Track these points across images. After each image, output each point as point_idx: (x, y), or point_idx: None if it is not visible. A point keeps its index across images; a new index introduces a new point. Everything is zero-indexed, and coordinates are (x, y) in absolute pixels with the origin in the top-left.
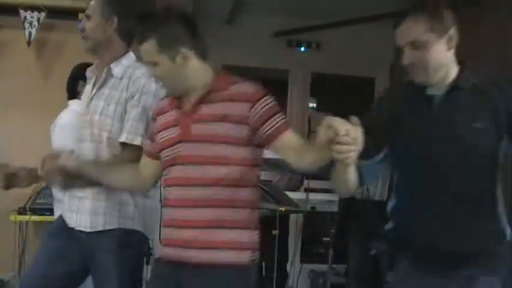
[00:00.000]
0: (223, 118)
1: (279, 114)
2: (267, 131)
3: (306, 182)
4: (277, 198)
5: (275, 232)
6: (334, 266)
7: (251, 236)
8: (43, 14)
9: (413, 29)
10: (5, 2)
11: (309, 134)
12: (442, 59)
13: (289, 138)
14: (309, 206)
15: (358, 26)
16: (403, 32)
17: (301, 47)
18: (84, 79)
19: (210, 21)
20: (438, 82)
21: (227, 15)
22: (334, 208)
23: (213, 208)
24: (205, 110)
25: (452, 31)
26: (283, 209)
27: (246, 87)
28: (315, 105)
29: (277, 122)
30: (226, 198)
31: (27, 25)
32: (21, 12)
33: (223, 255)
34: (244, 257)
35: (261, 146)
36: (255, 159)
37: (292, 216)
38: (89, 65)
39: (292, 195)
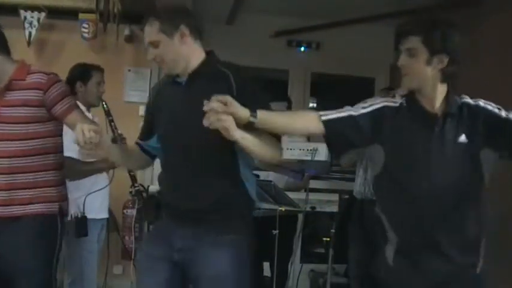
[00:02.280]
0: (24, 103)
1: (67, 98)
2: (58, 110)
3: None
4: (277, 199)
5: (275, 232)
6: (334, 265)
7: (59, 191)
8: (43, 14)
9: (148, 32)
10: (5, 2)
11: None
12: (177, 54)
13: (74, 117)
14: (309, 206)
15: (358, 26)
16: (145, 33)
17: (301, 47)
18: (82, 80)
19: (210, 21)
20: (182, 71)
21: (227, 15)
22: (334, 208)
23: (22, 174)
24: (10, 97)
25: (183, 28)
26: (283, 209)
27: (41, 77)
28: (315, 105)
29: (65, 104)
30: (34, 164)
31: (27, 25)
32: (21, 12)
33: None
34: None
35: (58, 120)
36: (58, 130)
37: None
38: (87, 65)
39: (292, 195)
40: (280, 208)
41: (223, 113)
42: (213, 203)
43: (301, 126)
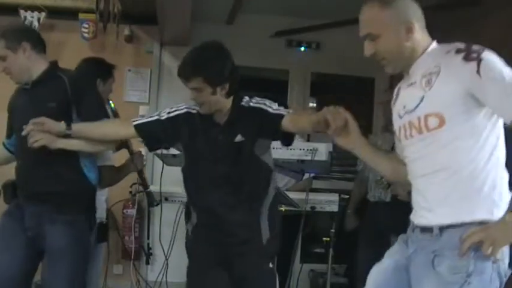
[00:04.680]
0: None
1: None
2: None
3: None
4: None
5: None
6: (334, 265)
7: None
8: (43, 14)
9: None
10: (5, 2)
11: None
12: (20, 66)
13: None
14: (309, 206)
15: (358, 26)
16: None
17: (301, 47)
18: (103, 77)
19: (210, 21)
20: (27, 79)
21: (227, 15)
22: (334, 208)
23: None
24: None
25: (25, 44)
26: (284, 209)
27: None
28: (315, 105)
29: None
30: None
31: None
32: (22, 12)
33: None
34: None
35: None
36: None
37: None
38: (107, 63)
39: (291, 195)
40: (281, 208)
41: (39, 132)
42: (53, 187)
43: (113, 131)
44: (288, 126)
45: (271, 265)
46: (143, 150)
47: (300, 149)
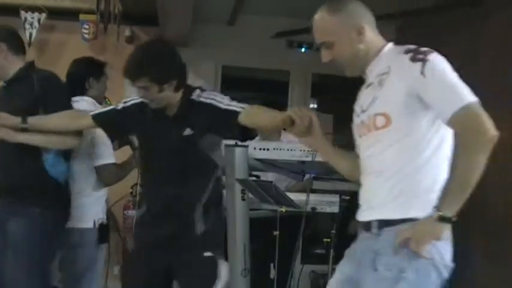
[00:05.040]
0: None
1: None
2: None
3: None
4: (277, 199)
5: (276, 233)
6: (334, 266)
7: None
8: (43, 15)
9: None
10: (6, 2)
11: None
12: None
13: None
14: (310, 207)
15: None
16: None
17: (302, 47)
18: (96, 76)
19: (211, 21)
20: (4, 78)
21: (228, 16)
22: (335, 209)
23: None
24: None
25: (2, 45)
26: (284, 210)
27: None
28: (315, 106)
29: None
30: None
31: (27, 26)
32: (22, 13)
33: None
34: None
35: None
36: None
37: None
38: (99, 61)
39: (292, 196)
40: (281, 209)
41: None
42: (12, 179)
43: (71, 122)
44: (245, 122)
45: (209, 254)
46: None
47: (301, 150)
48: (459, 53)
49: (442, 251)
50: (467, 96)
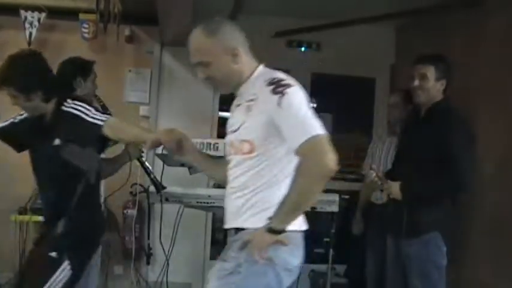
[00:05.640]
0: None
1: None
2: None
3: None
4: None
5: None
6: (334, 266)
7: None
8: (43, 14)
9: None
10: (6, 2)
11: None
12: None
13: None
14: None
15: (358, 26)
16: None
17: (301, 47)
18: (83, 75)
19: None
20: None
21: (227, 16)
22: (335, 208)
23: None
24: None
25: None
26: None
27: None
28: (315, 105)
29: None
30: None
31: (27, 25)
32: (22, 12)
33: None
34: None
35: None
36: None
37: None
38: (86, 60)
39: None
40: None
41: None
42: None
43: None
44: (108, 133)
45: (54, 254)
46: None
47: None
48: (459, 53)
49: (283, 255)
50: (316, 129)
